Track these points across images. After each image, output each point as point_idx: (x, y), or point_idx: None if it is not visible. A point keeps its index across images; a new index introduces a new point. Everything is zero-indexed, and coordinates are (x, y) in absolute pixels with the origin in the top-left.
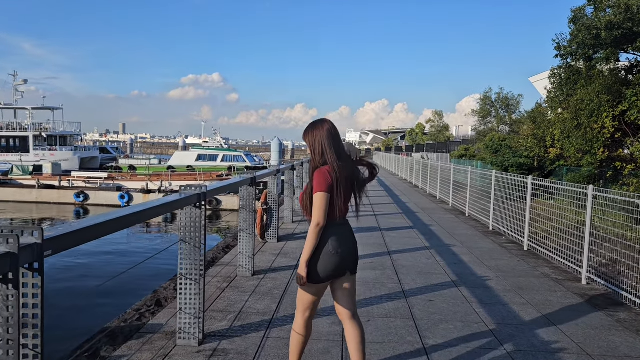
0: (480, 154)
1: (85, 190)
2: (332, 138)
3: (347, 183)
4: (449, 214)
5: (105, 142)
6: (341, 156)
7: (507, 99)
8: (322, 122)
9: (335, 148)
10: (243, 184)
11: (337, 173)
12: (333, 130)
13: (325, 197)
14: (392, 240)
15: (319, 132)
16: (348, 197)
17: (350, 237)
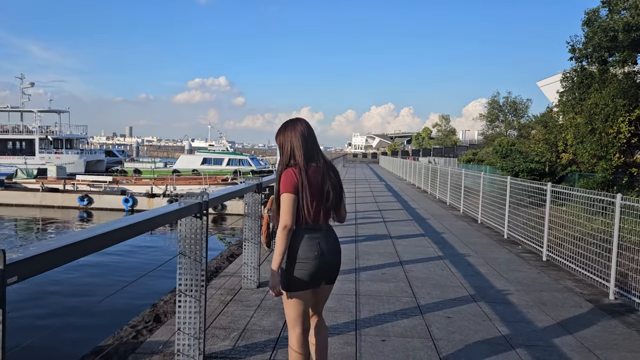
0: (488, 159)
1: (89, 194)
2: (304, 139)
3: (319, 187)
4: (461, 221)
5: (112, 145)
6: (313, 158)
7: (515, 103)
8: (295, 122)
9: (305, 149)
10: (248, 191)
11: (305, 175)
12: (306, 130)
13: (291, 198)
14: (403, 249)
15: (289, 133)
16: (320, 202)
17: (328, 244)
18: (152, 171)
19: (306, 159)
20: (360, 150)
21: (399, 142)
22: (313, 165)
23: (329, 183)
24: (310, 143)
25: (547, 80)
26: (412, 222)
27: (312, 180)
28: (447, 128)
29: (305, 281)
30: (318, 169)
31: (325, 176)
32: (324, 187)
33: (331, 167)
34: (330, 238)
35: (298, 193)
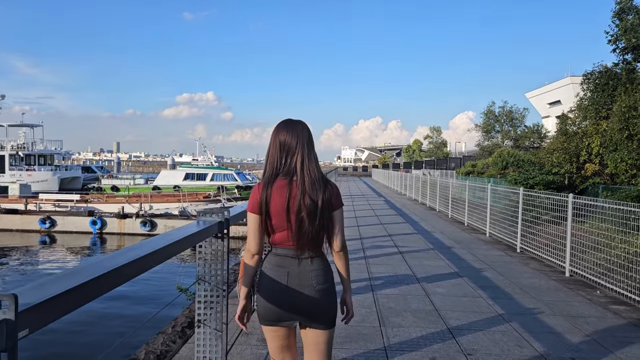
0: (489, 171)
1: (52, 216)
2: (281, 148)
3: (282, 207)
4: (495, 250)
5: (98, 160)
6: (289, 172)
7: (512, 112)
8: (283, 126)
9: (277, 160)
10: (201, 238)
11: (265, 190)
12: (289, 138)
13: (252, 219)
14: (444, 303)
15: (271, 138)
16: (286, 225)
17: (302, 276)
18: (127, 188)
19: (275, 172)
20: (349, 163)
21: (389, 155)
22: (283, 181)
23: (301, 205)
24: (291, 154)
25: (536, 92)
26: (434, 252)
27: (274, 198)
28: (439, 140)
29: (271, 315)
30: (288, 185)
31: (297, 196)
32: (290, 208)
33: (316, 186)
34: (309, 269)
35: (261, 212)
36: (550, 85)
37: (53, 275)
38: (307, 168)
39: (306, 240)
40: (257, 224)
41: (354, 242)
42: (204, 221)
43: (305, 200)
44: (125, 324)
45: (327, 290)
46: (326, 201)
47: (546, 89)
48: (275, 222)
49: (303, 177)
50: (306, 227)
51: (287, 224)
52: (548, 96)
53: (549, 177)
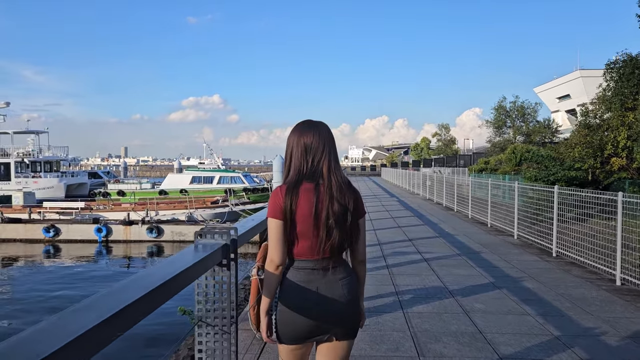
0: (502, 167)
1: (56, 224)
2: (306, 151)
3: (309, 213)
4: (527, 254)
5: (106, 166)
6: (314, 176)
7: (523, 107)
8: (305, 127)
9: (302, 164)
10: (205, 266)
11: (291, 195)
12: (314, 141)
13: (275, 225)
14: (487, 323)
15: (292, 140)
16: (315, 233)
17: (330, 288)
18: (132, 194)
19: (300, 176)
20: (357, 163)
21: (397, 154)
22: (309, 185)
23: (329, 211)
24: (318, 157)
25: (545, 86)
26: (462, 258)
27: (300, 204)
28: (447, 137)
29: (296, 334)
30: (315, 190)
31: (325, 201)
32: (319, 214)
33: (344, 191)
34: (336, 279)
35: (285, 219)
36: (560, 80)
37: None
38: (335, 172)
39: (332, 249)
40: (281, 231)
41: (373, 249)
42: (203, 245)
43: (334, 206)
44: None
45: (355, 298)
46: (354, 208)
47: (555, 83)
48: (299, 230)
49: (331, 181)
50: (334, 235)
51: (314, 231)
52: (557, 90)
53: (571, 172)
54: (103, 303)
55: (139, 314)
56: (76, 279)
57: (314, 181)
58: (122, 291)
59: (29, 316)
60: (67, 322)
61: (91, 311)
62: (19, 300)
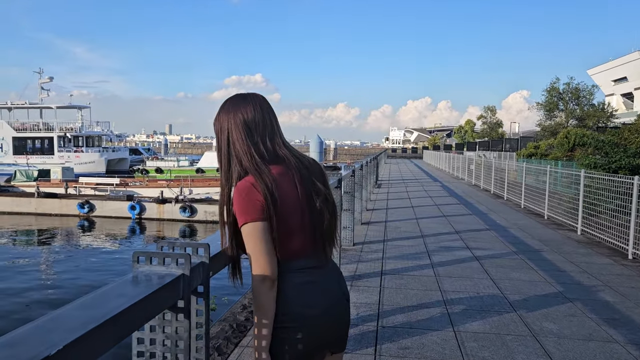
0: (553, 152)
1: (91, 200)
2: (249, 127)
3: (296, 198)
4: (597, 255)
5: (151, 142)
6: (275, 155)
7: (578, 90)
8: (235, 101)
9: (248, 144)
10: (147, 314)
11: (269, 182)
12: (253, 114)
13: (259, 230)
14: (565, 354)
15: (225, 121)
16: (303, 222)
17: (334, 288)
18: (169, 171)
19: (257, 160)
20: (398, 145)
21: (439, 136)
22: (278, 168)
23: (312, 193)
24: (268, 131)
25: (599, 68)
26: (520, 258)
27: (283, 192)
28: (493, 120)
29: (302, 354)
30: (287, 171)
31: (305, 180)
32: (305, 197)
33: (310, 165)
34: (336, 275)
35: (269, 217)
36: (616, 61)
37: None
38: (291, 149)
39: (327, 239)
40: (269, 233)
41: (415, 242)
42: (146, 277)
43: (317, 186)
44: None
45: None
46: (328, 184)
47: (611, 65)
48: (288, 225)
49: (298, 159)
50: (326, 221)
51: (303, 223)
52: (613, 73)
53: (637, 160)
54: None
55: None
56: (106, 259)
57: (279, 163)
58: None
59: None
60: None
61: None
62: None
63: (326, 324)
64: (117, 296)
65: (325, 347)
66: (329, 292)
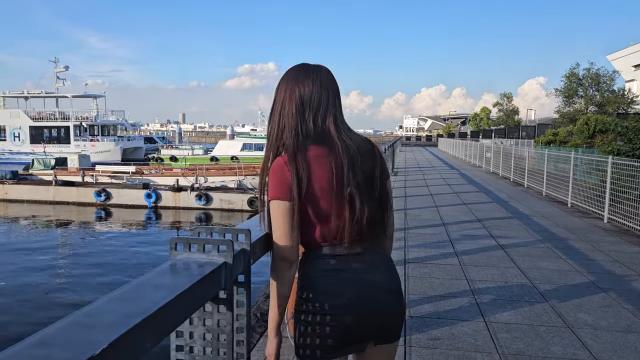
0: (573, 140)
1: (107, 188)
2: (302, 105)
3: (330, 183)
4: (626, 244)
5: (164, 131)
6: (321, 137)
7: (599, 75)
8: (296, 72)
9: (302, 122)
10: (187, 309)
11: (301, 163)
12: (311, 90)
13: (281, 209)
14: (603, 346)
15: (282, 93)
16: (342, 208)
17: (370, 278)
18: (184, 159)
19: (300, 139)
20: (412, 133)
21: (454, 124)
22: (319, 150)
23: (352, 182)
24: (322, 109)
25: (620, 53)
26: (547, 247)
27: (314, 174)
28: (509, 107)
29: (326, 346)
30: (328, 154)
31: (346, 166)
32: (341, 188)
33: (366, 151)
34: (378, 265)
35: (294, 198)
36: (637, 46)
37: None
38: (346, 128)
39: (363, 229)
40: (291, 214)
41: (437, 230)
42: (185, 265)
43: (357, 174)
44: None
45: (399, 288)
46: (380, 170)
47: (631, 50)
48: (318, 209)
49: (344, 141)
50: (364, 211)
51: (337, 210)
52: (633, 58)
53: None
54: None
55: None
56: (124, 248)
57: (323, 144)
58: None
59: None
60: None
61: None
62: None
63: (354, 315)
64: (156, 288)
65: (359, 338)
66: (358, 282)
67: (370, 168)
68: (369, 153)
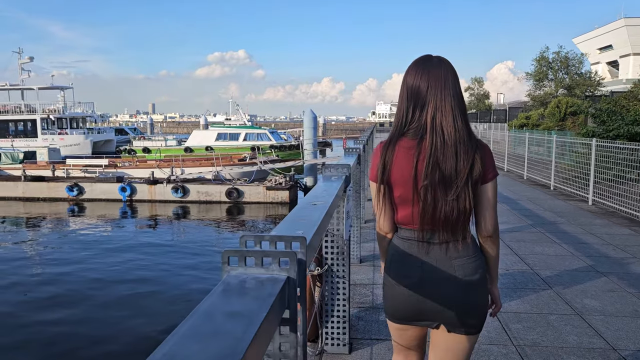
0: (545, 122)
1: (79, 182)
2: (409, 94)
3: (406, 176)
4: (616, 226)
5: (134, 122)
6: (414, 126)
7: (568, 59)
8: (412, 64)
9: (403, 112)
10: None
11: (387, 153)
12: (422, 80)
13: (373, 188)
14: (616, 333)
15: (403, 80)
16: (418, 198)
17: (439, 265)
18: (158, 151)
19: (401, 129)
20: (385, 119)
21: None
22: (410, 142)
23: (429, 177)
24: (422, 103)
25: (585, 37)
26: (539, 231)
27: (396, 165)
28: (481, 92)
29: (396, 311)
30: (417, 146)
31: (428, 158)
32: (417, 180)
33: (454, 150)
34: (448, 257)
35: (380, 181)
36: (601, 29)
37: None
38: (440, 123)
39: (438, 221)
40: (380, 194)
41: None
42: (240, 286)
43: (435, 171)
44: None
45: (477, 284)
46: (468, 171)
47: (596, 33)
48: (399, 194)
49: (434, 137)
50: (436, 203)
51: (414, 197)
52: (598, 41)
53: (636, 128)
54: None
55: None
56: (100, 244)
57: (417, 136)
58: None
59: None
60: None
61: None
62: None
63: (418, 297)
64: (230, 317)
65: (423, 317)
66: (429, 268)
67: (453, 167)
68: (464, 152)
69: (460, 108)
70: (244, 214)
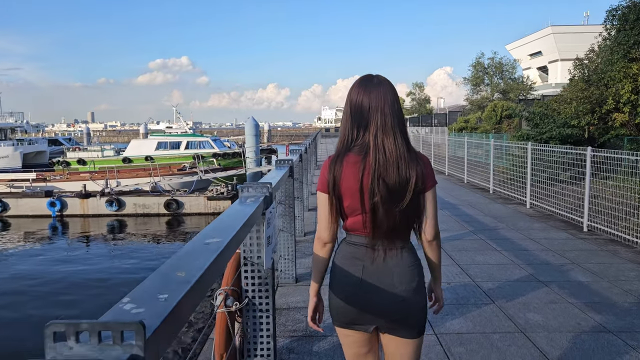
0: (482, 125)
1: (3, 198)
2: (351, 112)
3: (354, 188)
4: (553, 230)
5: (72, 132)
6: (359, 143)
7: (502, 64)
8: (355, 83)
9: (348, 130)
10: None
11: (334, 166)
12: (362, 97)
13: (322, 199)
14: (558, 348)
15: (347, 97)
16: (366, 207)
17: (381, 272)
18: (92, 162)
19: (345, 145)
20: (330, 124)
21: None
22: (355, 157)
23: (375, 188)
24: (364, 122)
25: (517, 43)
26: (480, 238)
27: (345, 177)
28: (422, 96)
29: (343, 316)
30: (362, 162)
31: (370, 177)
32: (364, 188)
33: (396, 165)
34: (392, 263)
35: (330, 192)
36: (531, 36)
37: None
38: (382, 142)
39: (384, 230)
40: (328, 204)
41: None
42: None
43: (379, 184)
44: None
45: (415, 289)
46: (411, 184)
47: (527, 40)
48: (348, 204)
49: (377, 154)
50: (382, 214)
51: (362, 207)
52: (529, 47)
53: (567, 130)
54: None
55: None
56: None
57: (362, 153)
58: None
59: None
60: None
61: None
62: None
63: (360, 299)
64: None
65: (367, 320)
66: (373, 272)
67: (396, 180)
68: (404, 167)
69: (400, 126)
70: (185, 225)
